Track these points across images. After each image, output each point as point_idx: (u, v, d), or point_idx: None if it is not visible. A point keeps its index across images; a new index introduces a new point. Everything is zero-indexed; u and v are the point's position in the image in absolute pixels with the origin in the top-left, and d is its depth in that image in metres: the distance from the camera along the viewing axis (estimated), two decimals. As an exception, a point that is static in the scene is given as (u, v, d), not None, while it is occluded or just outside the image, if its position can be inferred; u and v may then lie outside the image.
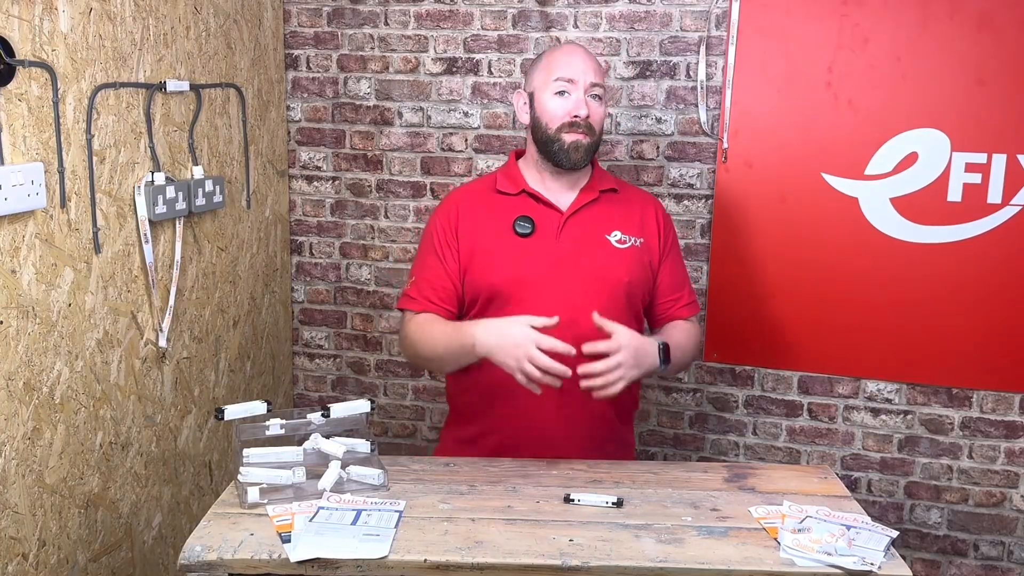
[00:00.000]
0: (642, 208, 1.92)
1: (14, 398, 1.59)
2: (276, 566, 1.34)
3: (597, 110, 1.81)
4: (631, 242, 1.86)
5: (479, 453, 1.82)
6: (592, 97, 1.80)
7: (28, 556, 1.64)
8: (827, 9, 2.29)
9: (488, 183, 1.93)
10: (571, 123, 1.78)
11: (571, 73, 1.79)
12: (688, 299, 1.94)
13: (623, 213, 1.89)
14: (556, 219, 1.84)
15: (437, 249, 1.85)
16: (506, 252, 1.81)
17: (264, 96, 2.53)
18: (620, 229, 1.86)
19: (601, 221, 1.86)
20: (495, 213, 1.85)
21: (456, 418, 1.95)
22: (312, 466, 1.59)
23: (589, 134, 1.80)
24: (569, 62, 1.81)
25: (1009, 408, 2.36)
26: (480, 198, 1.90)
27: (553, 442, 1.79)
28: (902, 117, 2.29)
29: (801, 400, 2.51)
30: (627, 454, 1.93)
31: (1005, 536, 2.43)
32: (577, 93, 1.79)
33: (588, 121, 1.79)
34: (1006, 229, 2.27)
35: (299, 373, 2.85)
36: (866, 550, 1.37)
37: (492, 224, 1.84)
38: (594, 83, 1.80)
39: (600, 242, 1.84)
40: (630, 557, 1.35)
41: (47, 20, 1.62)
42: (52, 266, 1.67)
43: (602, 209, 1.87)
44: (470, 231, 1.84)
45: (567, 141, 1.79)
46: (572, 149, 1.79)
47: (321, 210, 2.73)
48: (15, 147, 1.56)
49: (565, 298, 1.77)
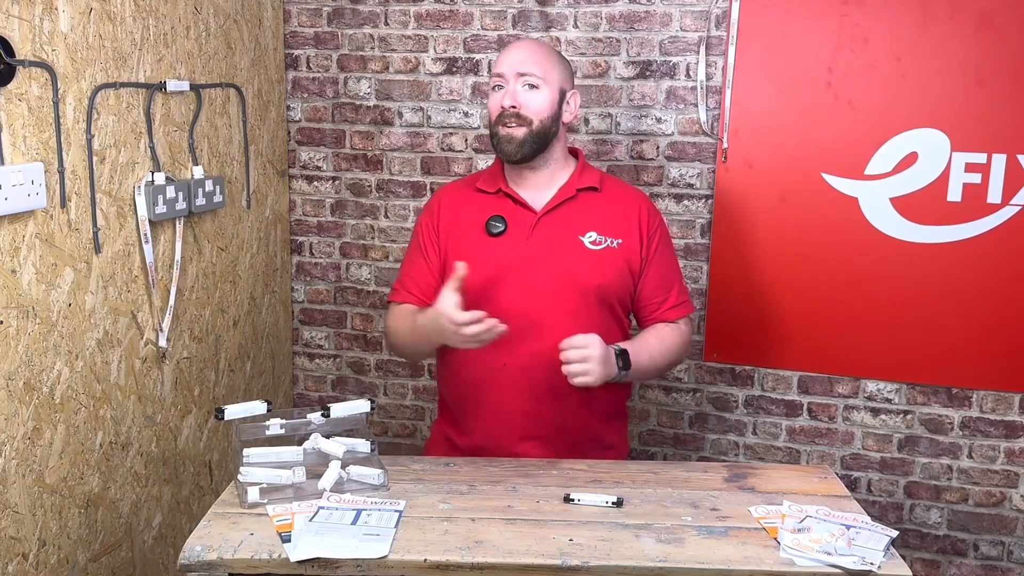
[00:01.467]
0: (625, 207, 1.88)
1: (14, 398, 1.59)
2: (276, 566, 1.34)
3: (529, 98, 1.79)
4: (607, 243, 1.83)
5: (463, 445, 1.86)
6: (525, 86, 1.79)
7: (28, 556, 1.64)
8: (827, 9, 2.30)
9: (471, 181, 1.94)
10: (500, 114, 1.80)
11: (501, 68, 1.82)
12: (675, 300, 1.90)
13: (601, 213, 1.85)
14: (529, 219, 1.83)
15: (421, 245, 1.90)
16: (477, 251, 1.81)
17: (264, 96, 2.53)
18: (596, 230, 1.83)
19: (576, 221, 1.84)
20: (472, 211, 1.86)
21: (444, 411, 1.98)
22: (312, 466, 1.59)
23: (522, 124, 1.79)
24: (502, 58, 1.83)
25: (1009, 408, 2.36)
26: (461, 196, 1.91)
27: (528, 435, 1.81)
28: (902, 117, 2.29)
29: (801, 400, 2.51)
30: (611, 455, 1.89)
31: (1005, 536, 2.43)
32: (508, 86, 1.80)
33: (516, 111, 1.78)
34: (1006, 229, 2.27)
35: (299, 373, 2.85)
36: (866, 550, 1.37)
37: (468, 222, 1.86)
38: (521, 73, 1.79)
39: (572, 243, 1.82)
40: (630, 557, 1.35)
41: (47, 20, 1.62)
42: (52, 266, 1.67)
43: (578, 208, 1.85)
44: (449, 228, 1.87)
45: (501, 134, 1.81)
46: (505, 141, 1.80)
47: (321, 210, 2.74)
48: (15, 147, 1.56)
49: (533, 299, 1.78)
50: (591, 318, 1.78)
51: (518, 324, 1.72)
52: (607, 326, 1.81)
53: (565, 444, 1.82)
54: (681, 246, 2.51)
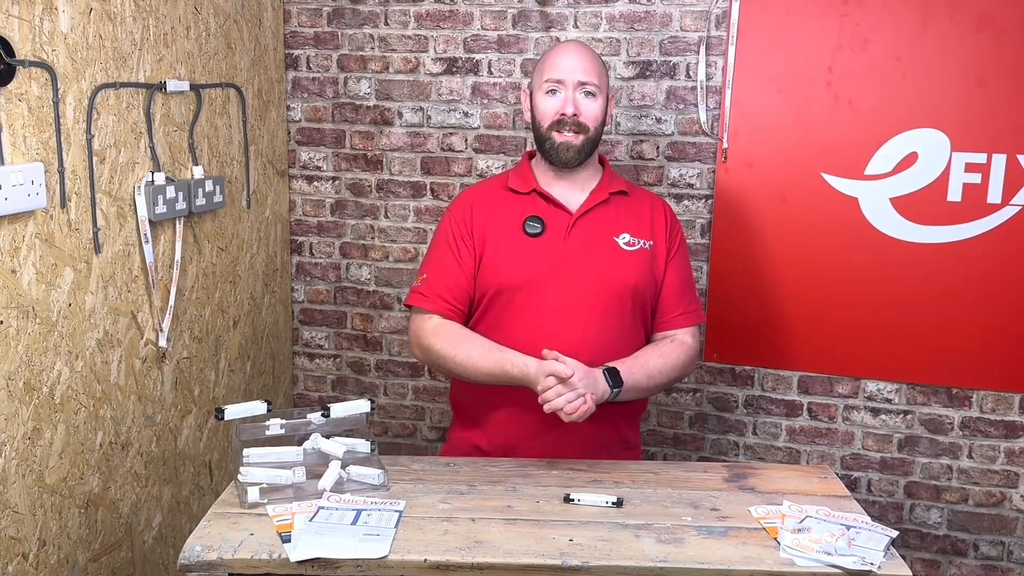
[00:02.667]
0: (652, 210, 1.91)
1: (14, 398, 1.59)
2: (276, 566, 1.34)
3: (588, 107, 1.81)
4: (640, 245, 1.86)
5: (488, 447, 1.84)
6: (584, 95, 1.80)
7: (28, 556, 1.64)
8: (827, 9, 2.29)
9: (500, 182, 1.93)
10: (559, 121, 1.80)
11: (560, 73, 1.80)
12: (686, 308, 1.90)
13: (633, 215, 1.88)
14: (565, 220, 1.84)
15: (452, 247, 1.85)
16: (515, 251, 1.81)
17: (264, 96, 2.53)
18: (629, 232, 1.86)
19: (610, 223, 1.86)
20: (506, 211, 1.86)
21: (462, 420, 1.94)
22: (312, 466, 1.59)
23: (580, 132, 1.80)
24: (558, 62, 1.82)
25: (1009, 408, 2.36)
26: (493, 197, 1.90)
27: (558, 441, 1.79)
28: (902, 117, 2.29)
29: (801, 400, 2.51)
30: (632, 454, 1.93)
31: (1005, 536, 2.43)
32: (566, 92, 1.80)
33: (576, 119, 1.79)
34: (1006, 229, 2.27)
35: (299, 373, 2.85)
36: (866, 550, 1.37)
37: (503, 222, 1.85)
38: (582, 81, 1.80)
39: (608, 244, 1.84)
40: (630, 557, 1.35)
41: (47, 20, 1.62)
42: (52, 266, 1.67)
43: (612, 211, 1.87)
44: (483, 229, 1.85)
45: (557, 141, 1.81)
46: (562, 149, 1.81)
47: (321, 210, 2.74)
48: (15, 147, 1.56)
49: (570, 299, 1.78)
50: (624, 318, 1.81)
51: (556, 322, 1.76)
52: (636, 326, 1.84)
53: (593, 444, 1.81)
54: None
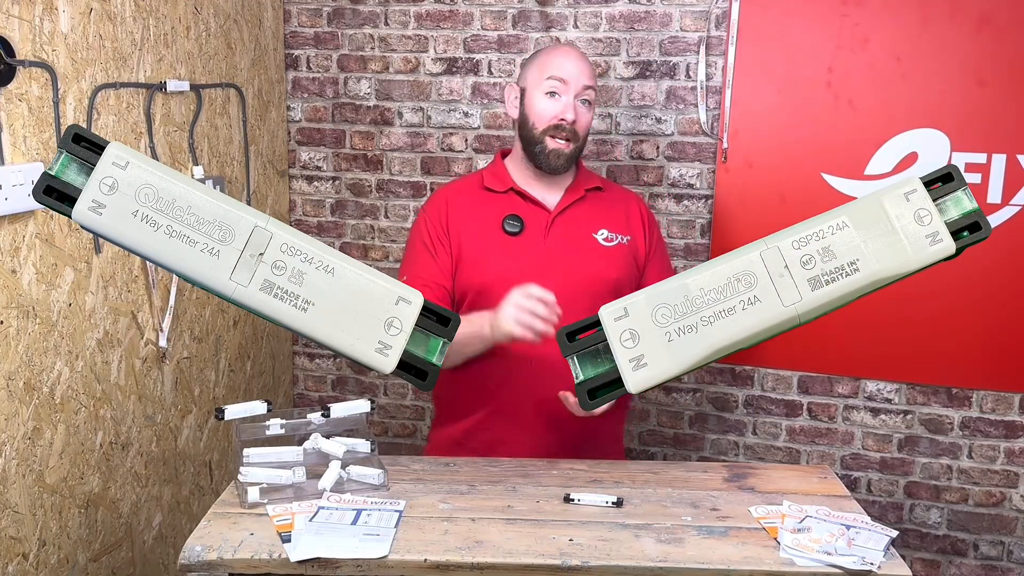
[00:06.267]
0: (626, 205, 1.92)
1: (14, 398, 1.59)
2: (276, 566, 1.34)
3: (584, 116, 1.82)
4: (618, 240, 1.86)
5: (468, 451, 1.84)
6: (582, 102, 1.81)
7: (28, 556, 1.64)
8: (827, 9, 2.30)
9: (475, 180, 1.93)
10: (556, 126, 1.79)
11: (565, 74, 1.79)
12: None
13: (609, 211, 1.89)
14: (544, 218, 1.84)
15: (428, 246, 1.85)
16: (496, 250, 1.81)
17: (264, 96, 2.53)
18: (607, 227, 1.87)
19: (588, 219, 1.86)
20: (484, 211, 1.86)
21: (443, 417, 1.95)
22: (312, 466, 1.59)
23: (572, 140, 1.80)
24: (563, 63, 1.81)
25: (1009, 408, 2.36)
26: (468, 196, 1.90)
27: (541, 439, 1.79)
28: (902, 117, 2.29)
29: (801, 400, 2.51)
30: (615, 448, 1.92)
31: (1005, 536, 2.43)
32: (567, 96, 1.79)
33: (573, 127, 1.79)
34: (1006, 229, 2.27)
35: (299, 373, 2.85)
36: (866, 550, 1.37)
37: (481, 221, 1.85)
38: (587, 86, 1.80)
39: (588, 241, 1.85)
40: (630, 557, 1.35)
41: (47, 20, 1.62)
42: (52, 266, 1.67)
43: (588, 207, 1.88)
44: (459, 228, 1.85)
45: (549, 147, 1.80)
46: (553, 156, 1.81)
47: (321, 210, 2.74)
48: (15, 147, 1.56)
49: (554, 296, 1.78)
50: None
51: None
52: None
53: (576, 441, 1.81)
54: (681, 246, 2.51)
